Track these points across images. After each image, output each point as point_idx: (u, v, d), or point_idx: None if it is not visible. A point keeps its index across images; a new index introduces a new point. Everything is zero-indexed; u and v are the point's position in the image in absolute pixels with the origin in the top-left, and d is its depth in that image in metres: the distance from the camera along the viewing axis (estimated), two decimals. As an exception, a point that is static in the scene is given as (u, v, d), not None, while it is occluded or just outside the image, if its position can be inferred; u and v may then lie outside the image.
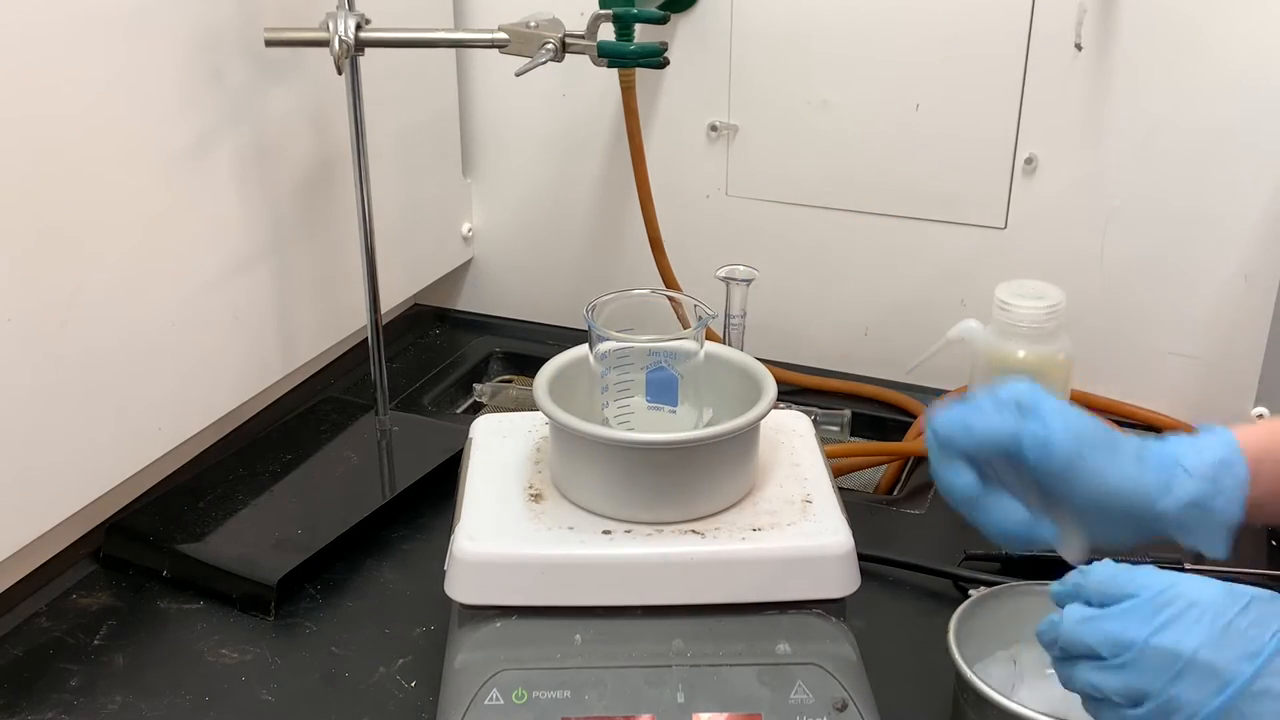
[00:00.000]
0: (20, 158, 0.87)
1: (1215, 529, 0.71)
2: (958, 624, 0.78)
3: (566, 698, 0.71)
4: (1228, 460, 0.71)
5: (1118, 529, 0.73)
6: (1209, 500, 0.71)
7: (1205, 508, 0.71)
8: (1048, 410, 0.71)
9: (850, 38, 1.21)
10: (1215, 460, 0.71)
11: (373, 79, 1.04)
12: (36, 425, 0.91)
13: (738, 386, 0.81)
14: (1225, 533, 0.72)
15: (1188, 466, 0.71)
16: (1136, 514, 0.71)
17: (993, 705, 0.73)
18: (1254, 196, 1.13)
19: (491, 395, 1.31)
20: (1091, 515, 0.73)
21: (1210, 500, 0.71)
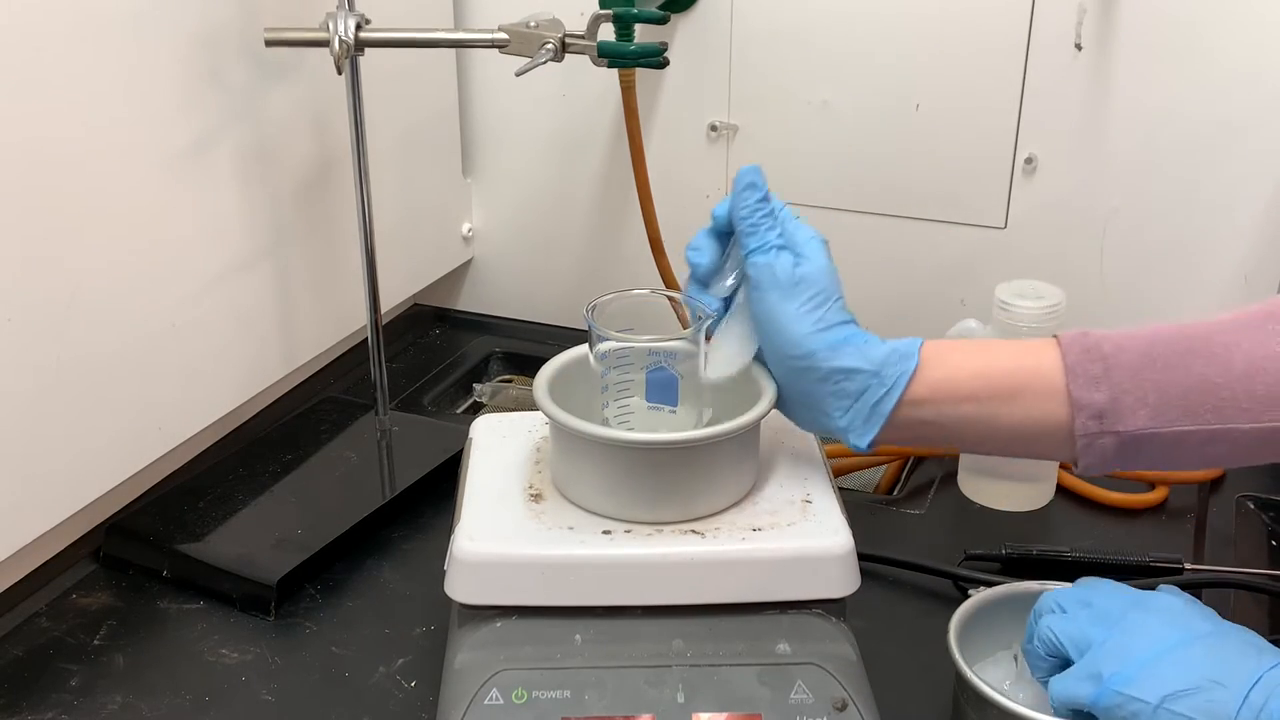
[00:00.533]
0: (20, 158, 0.87)
1: (865, 412, 0.73)
2: (958, 624, 0.78)
3: (566, 698, 0.71)
4: (901, 351, 0.73)
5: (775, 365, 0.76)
6: (865, 379, 0.73)
7: (860, 384, 0.73)
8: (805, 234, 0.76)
9: (850, 38, 1.21)
10: (888, 349, 0.73)
11: (373, 79, 1.04)
12: (36, 425, 0.91)
13: (738, 386, 0.81)
14: (875, 420, 0.73)
15: (859, 345, 0.73)
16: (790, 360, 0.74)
17: (993, 705, 0.73)
18: (1254, 196, 1.13)
19: (491, 395, 1.31)
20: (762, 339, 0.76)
21: (866, 380, 0.73)
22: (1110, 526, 1.03)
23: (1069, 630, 0.70)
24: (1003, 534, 1.00)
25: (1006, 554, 0.96)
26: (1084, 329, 0.73)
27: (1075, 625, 0.70)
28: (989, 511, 1.05)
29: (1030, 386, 0.72)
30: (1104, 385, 0.70)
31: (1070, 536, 1.01)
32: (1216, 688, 0.63)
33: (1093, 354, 0.71)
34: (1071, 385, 0.71)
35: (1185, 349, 0.71)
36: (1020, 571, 0.94)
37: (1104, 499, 1.06)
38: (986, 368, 0.73)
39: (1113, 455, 0.71)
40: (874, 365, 0.73)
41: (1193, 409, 0.70)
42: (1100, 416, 0.71)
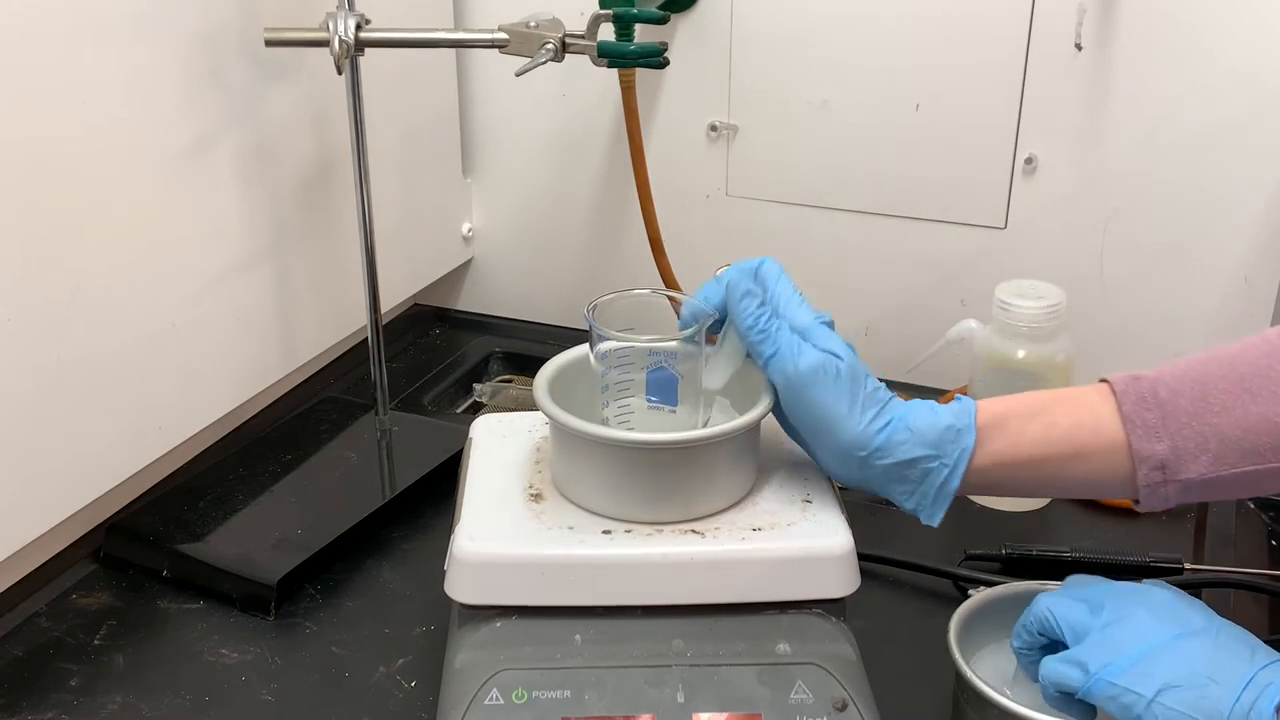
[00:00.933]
0: (20, 158, 0.87)
1: (932, 494, 0.73)
2: (958, 623, 0.79)
3: (566, 698, 0.71)
4: (955, 428, 0.72)
5: (833, 463, 0.75)
6: (926, 463, 0.72)
7: (923, 469, 0.72)
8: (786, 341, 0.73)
9: (850, 38, 1.21)
10: (943, 426, 0.72)
11: (373, 79, 1.04)
12: (37, 425, 0.91)
13: (738, 386, 0.81)
14: (942, 500, 0.73)
15: (913, 428, 0.72)
16: (844, 457, 0.73)
17: (992, 704, 0.73)
18: (1254, 197, 1.13)
19: (491, 395, 1.31)
20: (808, 438, 0.75)
21: (928, 463, 0.72)
22: (1110, 526, 1.03)
23: (1066, 613, 0.70)
24: (1003, 534, 1.00)
25: (1006, 554, 0.96)
26: (1134, 372, 0.73)
27: (1072, 610, 0.70)
28: (989, 511, 1.05)
29: (1091, 445, 0.72)
30: (1163, 435, 0.71)
31: (1070, 536, 1.01)
32: (1210, 684, 0.63)
33: (1149, 401, 0.71)
34: (1131, 437, 0.71)
35: (1240, 387, 0.70)
36: (1020, 571, 0.94)
37: (1104, 499, 1.06)
38: (1046, 432, 0.73)
39: (1175, 498, 0.72)
40: (933, 448, 0.72)
41: (1254, 449, 0.70)
42: (1163, 467, 0.71)
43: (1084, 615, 0.69)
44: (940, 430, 0.72)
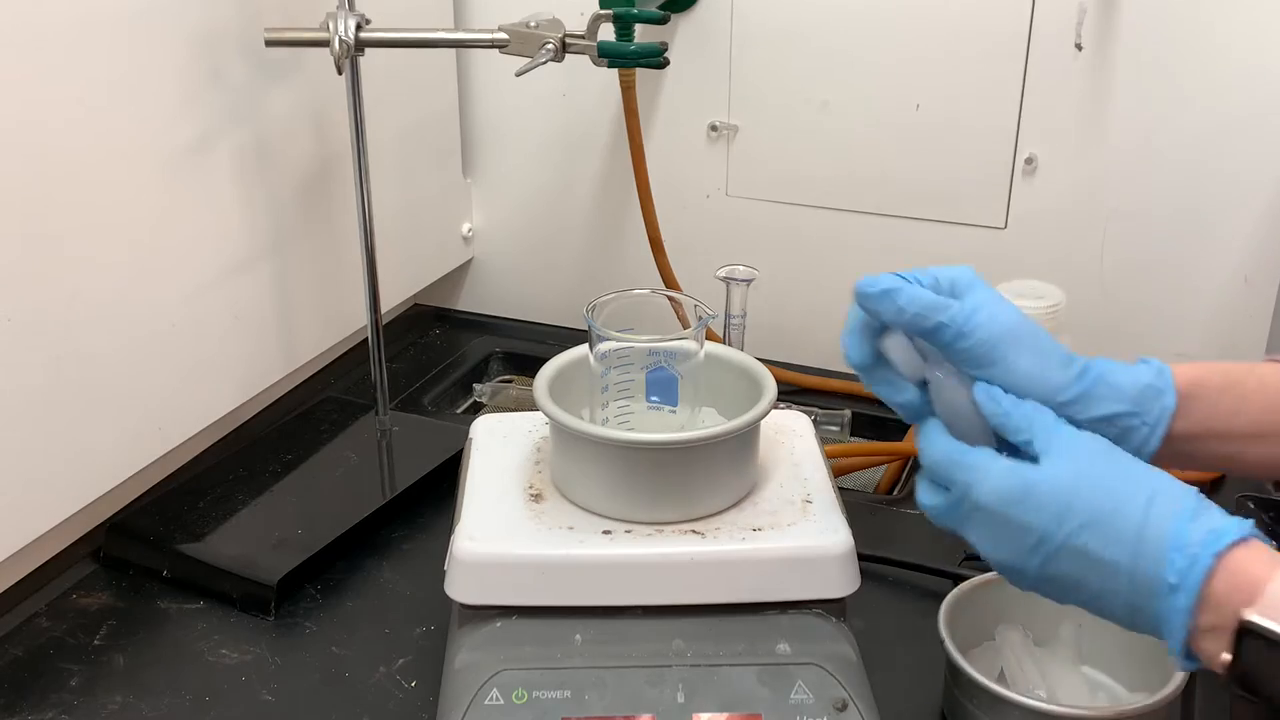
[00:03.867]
0: (20, 158, 0.87)
1: (1129, 451, 0.70)
2: (948, 611, 0.79)
3: (566, 698, 0.71)
4: (1156, 387, 0.70)
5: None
6: (1127, 420, 0.69)
7: (1122, 427, 0.69)
8: (977, 298, 0.69)
9: (850, 38, 1.21)
10: (1143, 384, 0.70)
11: (373, 79, 1.04)
12: (37, 425, 0.91)
13: (738, 386, 0.81)
14: (1142, 457, 0.70)
15: (1113, 383, 0.69)
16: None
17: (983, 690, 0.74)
18: (1254, 197, 1.13)
19: (491, 395, 1.31)
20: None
21: (1128, 420, 0.69)
22: (1110, 526, 1.03)
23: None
24: (1003, 534, 0.99)
25: (1006, 554, 0.96)
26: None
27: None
28: (989, 511, 1.05)
29: (1275, 426, 0.71)
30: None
31: (1070, 536, 1.01)
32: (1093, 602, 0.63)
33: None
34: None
35: None
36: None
37: (1104, 499, 1.05)
38: (1238, 405, 0.71)
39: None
40: (1134, 405, 0.69)
41: None
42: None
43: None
44: (1141, 388, 0.69)
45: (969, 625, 0.81)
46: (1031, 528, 0.63)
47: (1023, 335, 0.69)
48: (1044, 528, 0.62)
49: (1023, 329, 0.69)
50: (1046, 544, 0.62)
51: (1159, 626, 0.61)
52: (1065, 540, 0.62)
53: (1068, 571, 0.62)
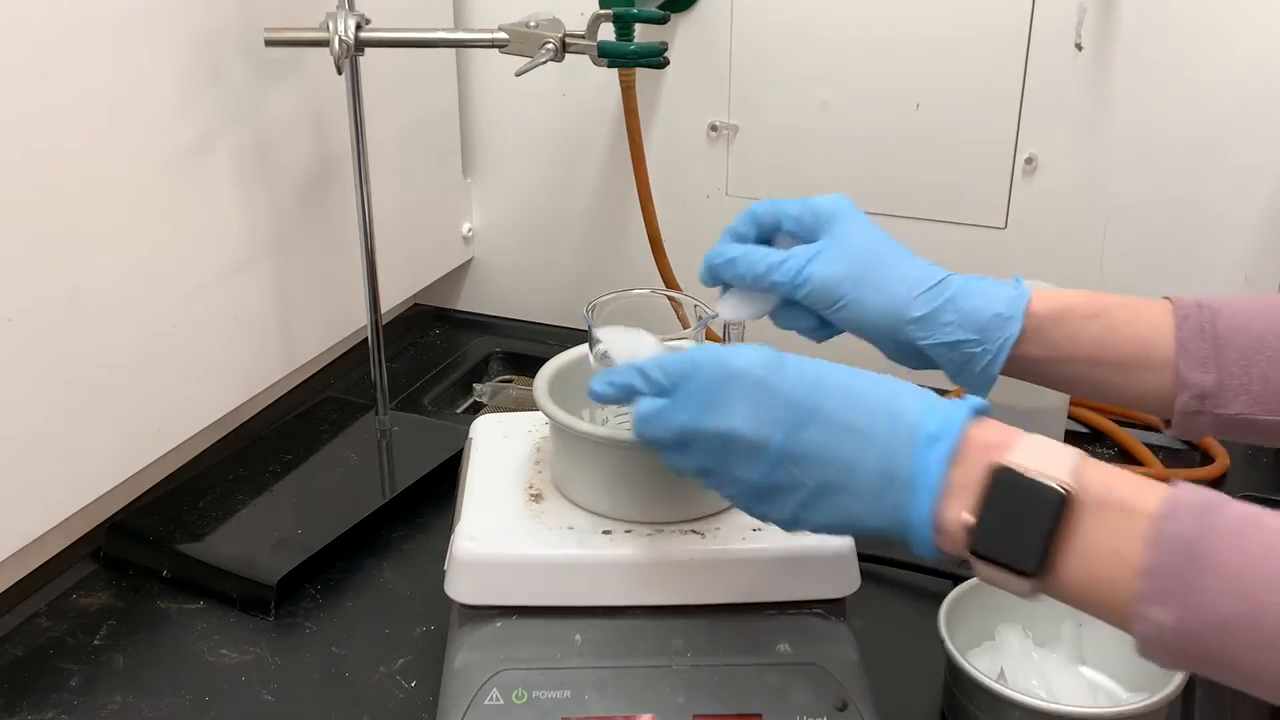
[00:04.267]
0: (20, 158, 0.87)
1: (975, 378, 0.74)
2: (948, 611, 0.79)
3: (566, 698, 0.71)
4: (1004, 316, 0.74)
5: (876, 341, 0.77)
6: (970, 347, 0.74)
7: (966, 353, 0.74)
8: (833, 235, 0.77)
9: (850, 38, 1.21)
10: (991, 314, 0.74)
11: (373, 79, 1.04)
12: (37, 425, 0.91)
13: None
14: (985, 383, 0.75)
15: (962, 309, 0.74)
16: (890, 341, 0.76)
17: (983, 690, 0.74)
18: (1254, 196, 1.13)
19: (491, 395, 1.31)
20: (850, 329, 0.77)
21: (971, 348, 0.74)
22: (1110, 526, 1.03)
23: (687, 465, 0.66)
24: (1003, 534, 0.99)
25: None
26: (1200, 298, 0.74)
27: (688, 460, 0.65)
28: (989, 511, 1.05)
29: (1141, 359, 0.73)
30: (1211, 367, 0.72)
31: (1070, 536, 1.01)
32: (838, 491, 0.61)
33: (1206, 332, 0.72)
34: (1181, 362, 0.72)
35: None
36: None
37: (1104, 499, 1.05)
38: (1104, 334, 0.74)
39: (1207, 430, 0.73)
40: (978, 333, 0.74)
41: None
42: (1203, 398, 0.72)
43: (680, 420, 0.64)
44: (989, 318, 0.74)
45: (969, 625, 0.81)
46: (784, 394, 0.62)
47: (869, 270, 0.75)
48: (796, 395, 0.62)
49: (872, 263, 0.75)
50: (797, 410, 0.61)
51: (909, 491, 0.59)
52: (817, 404, 0.61)
53: (817, 440, 0.61)
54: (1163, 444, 1.15)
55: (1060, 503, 0.55)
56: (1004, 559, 0.57)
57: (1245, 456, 1.13)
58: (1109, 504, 0.55)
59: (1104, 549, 0.55)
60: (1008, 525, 0.56)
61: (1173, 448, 1.16)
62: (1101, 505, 0.55)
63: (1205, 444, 1.14)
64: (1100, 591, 0.55)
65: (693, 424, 0.63)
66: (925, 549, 0.59)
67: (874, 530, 0.61)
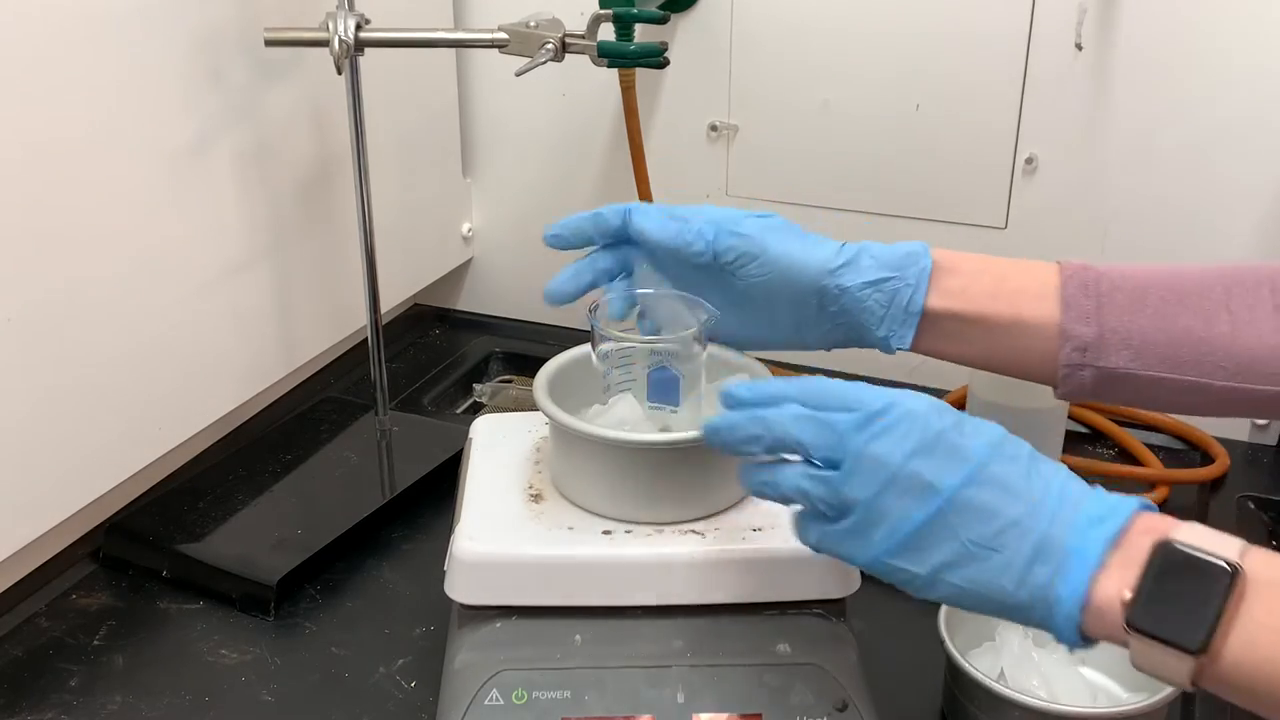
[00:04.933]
0: (21, 157, 0.87)
1: (900, 315, 0.75)
2: (948, 611, 0.79)
3: (566, 698, 0.71)
4: (915, 253, 0.75)
5: (784, 312, 0.77)
6: (892, 283, 0.74)
7: (889, 290, 0.74)
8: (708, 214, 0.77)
9: (850, 38, 1.21)
10: (903, 252, 0.75)
11: (373, 79, 1.04)
12: (36, 425, 0.91)
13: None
14: (910, 320, 0.75)
15: (875, 254, 0.75)
16: (811, 296, 0.76)
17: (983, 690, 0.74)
18: (1254, 196, 1.13)
19: (491, 395, 1.31)
20: (758, 300, 0.77)
21: (893, 284, 0.74)
22: (1110, 526, 1.03)
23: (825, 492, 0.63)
24: (1003, 534, 0.99)
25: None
26: (1086, 262, 0.75)
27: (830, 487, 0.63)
28: (989, 511, 1.05)
29: (1029, 314, 0.74)
30: (1093, 321, 0.72)
31: (1070, 536, 1.01)
32: (990, 554, 0.59)
33: (1089, 289, 0.73)
34: (1064, 316, 0.73)
35: (1177, 297, 0.72)
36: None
37: (1104, 499, 1.05)
38: (996, 286, 0.75)
39: (1090, 387, 0.73)
40: (895, 269, 0.75)
41: (1173, 358, 0.72)
42: (1084, 349, 0.73)
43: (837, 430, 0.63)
44: (901, 255, 0.75)
45: (969, 625, 0.81)
46: (963, 445, 0.60)
47: (783, 230, 0.77)
48: (976, 449, 0.60)
49: (783, 227, 0.77)
50: (974, 464, 0.60)
51: (1063, 566, 0.57)
52: (994, 463, 0.60)
53: (987, 498, 0.59)
54: (1163, 444, 1.15)
55: (1229, 579, 0.54)
56: (1166, 635, 0.55)
57: (1245, 456, 1.13)
58: (1277, 584, 0.54)
59: (1273, 629, 0.54)
60: (1171, 600, 0.55)
61: (1173, 448, 1.16)
62: (1271, 586, 0.54)
63: (1205, 444, 1.14)
64: (1267, 674, 0.54)
65: (857, 447, 0.61)
66: (1067, 630, 0.57)
67: (1012, 605, 0.59)
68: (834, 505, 0.62)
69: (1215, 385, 0.71)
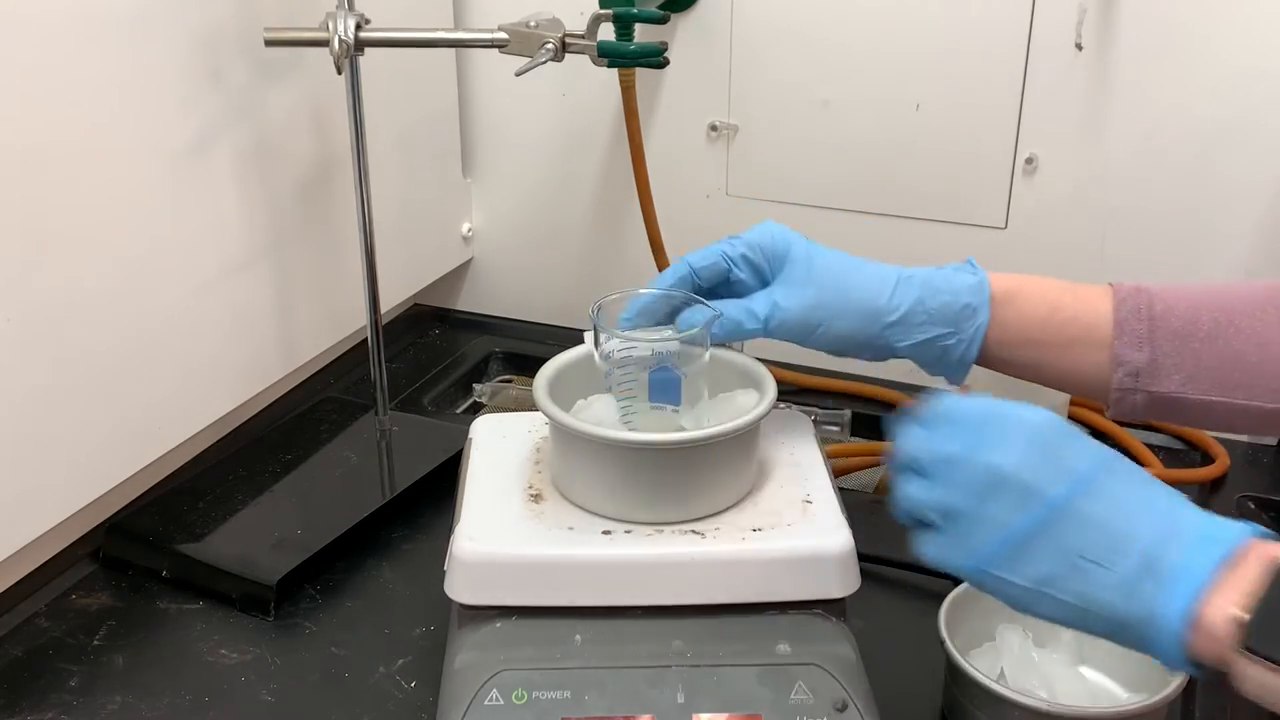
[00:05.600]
0: (20, 157, 0.87)
1: (953, 367, 0.78)
2: (948, 611, 0.79)
3: (566, 698, 0.71)
4: (972, 306, 0.77)
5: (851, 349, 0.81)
6: (945, 340, 0.77)
7: (941, 346, 0.78)
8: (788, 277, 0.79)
9: (850, 38, 1.21)
10: (961, 305, 0.77)
11: (373, 79, 1.04)
12: (36, 425, 0.91)
13: (738, 387, 0.81)
14: (964, 368, 0.78)
15: (931, 308, 0.77)
16: (866, 350, 0.79)
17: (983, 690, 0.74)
18: (1254, 196, 1.13)
19: (491, 395, 1.31)
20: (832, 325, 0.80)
21: (946, 340, 0.77)
22: (1110, 526, 1.03)
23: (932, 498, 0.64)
24: (1003, 534, 0.99)
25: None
26: (1140, 284, 0.77)
27: (937, 493, 0.63)
28: (989, 511, 1.05)
29: (1083, 339, 0.76)
30: (1146, 346, 0.74)
31: (1070, 536, 1.01)
32: (1096, 568, 0.58)
33: (1142, 313, 0.75)
34: (1117, 342, 0.75)
35: (1228, 320, 0.74)
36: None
37: (1104, 499, 1.05)
38: (1050, 315, 0.78)
39: (1142, 410, 0.75)
40: (951, 326, 0.77)
41: (1224, 381, 0.73)
42: (1136, 375, 0.74)
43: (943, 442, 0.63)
44: (959, 309, 0.77)
45: (969, 625, 0.81)
46: (1074, 457, 0.60)
47: (834, 290, 0.78)
48: (1087, 463, 0.60)
49: (834, 283, 0.78)
50: (1083, 476, 0.59)
51: (1168, 584, 0.56)
52: (1104, 478, 0.59)
53: (1096, 509, 0.58)
54: (1163, 444, 1.15)
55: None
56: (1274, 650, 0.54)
57: (1245, 456, 1.13)
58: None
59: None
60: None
61: (1173, 448, 1.16)
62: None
63: (1205, 444, 1.14)
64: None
65: (963, 452, 0.61)
66: (1171, 648, 0.56)
67: (1115, 621, 0.58)
68: (941, 512, 0.62)
69: (1265, 407, 0.73)
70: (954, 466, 0.61)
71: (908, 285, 0.78)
